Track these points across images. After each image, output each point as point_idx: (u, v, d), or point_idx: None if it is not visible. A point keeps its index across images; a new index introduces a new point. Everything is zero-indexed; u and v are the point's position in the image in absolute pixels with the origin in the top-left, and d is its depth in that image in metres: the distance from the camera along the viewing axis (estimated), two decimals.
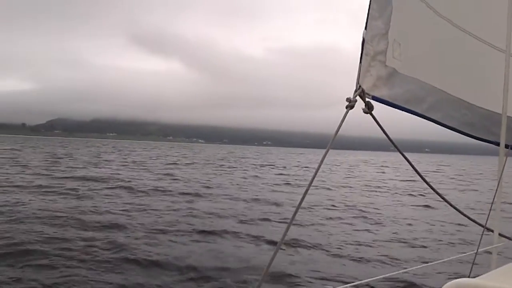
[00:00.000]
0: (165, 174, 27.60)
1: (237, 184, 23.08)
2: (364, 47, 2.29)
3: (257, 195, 18.33)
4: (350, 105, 2.15)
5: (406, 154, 2.68)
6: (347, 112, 2.14)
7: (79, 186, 18.72)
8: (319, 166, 2.09)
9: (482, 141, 3.22)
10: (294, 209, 1.94)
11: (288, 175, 32.63)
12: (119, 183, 20.85)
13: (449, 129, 2.89)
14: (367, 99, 2.28)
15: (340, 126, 2.14)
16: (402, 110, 2.53)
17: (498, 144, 3.07)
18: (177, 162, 44.34)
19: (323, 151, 2.14)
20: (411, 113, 2.60)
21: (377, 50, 2.33)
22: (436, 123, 2.79)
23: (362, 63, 2.28)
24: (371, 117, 2.31)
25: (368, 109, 2.28)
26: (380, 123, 2.36)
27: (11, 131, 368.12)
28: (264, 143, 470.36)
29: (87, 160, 39.99)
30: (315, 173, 2.09)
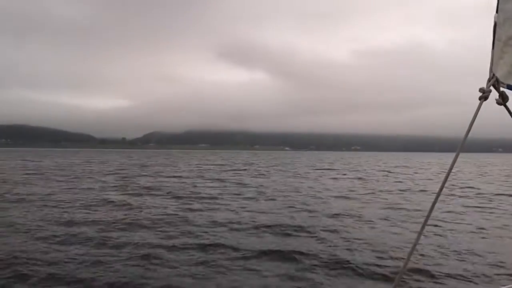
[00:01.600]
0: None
1: None
2: (495, 32, 2.14)
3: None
4: (484, 95, 2.03)
5: None
6: (480, 104, 2.02)
7: None
8: (450, 170, 2.03)
9: None
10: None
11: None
12: None
13: None
14: (501, 89, 2.12)
15: (474, 121, 2.02)
16: None
17: None
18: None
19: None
20: None
21: (510, 35, 2.12)
22: None
23: (494, 49, 2.14)
24: (505, 109, 2.15)
25: (503, 100, 2.13)
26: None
27: (113, 146, 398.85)
28: (353, 148, 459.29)
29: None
30: (446, 178, 2.04)
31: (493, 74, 2.10)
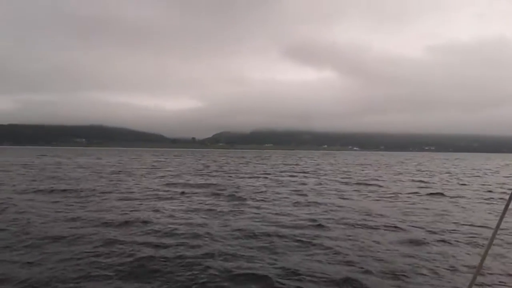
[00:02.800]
0: None
1: None
2: None
3: None
4: None
5: None
6: None
7: None
8: None
9: None
10: None
11: None
12: None
13: None
14: None
15: None
16: None
17: None
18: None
19: (500, 155, 1.94)
20: None
21: None
22: None
23: None
24: None
25: None
26: None
27: (183, 145, 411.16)
28: (426, 148, 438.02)
29: None
30: None
31: None
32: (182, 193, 20.84)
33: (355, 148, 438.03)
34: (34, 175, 32.33)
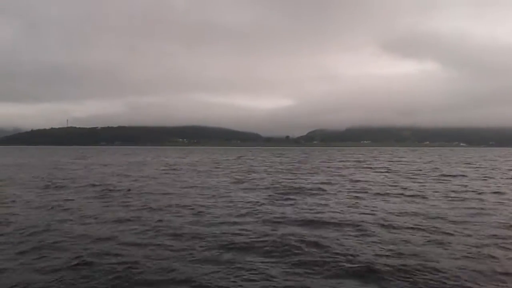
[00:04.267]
0: None
1: None
2: None
3: None
4: None
5: None
6: None
7: None
8: None
9: None
10: None
11: None
12: None
13: None
14: None
15: None
16: None
17: None
18: None
19: None
20: None
21: None
22: None
23: None
24: None
25: None
26: None
27: (277, 144, 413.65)
28: None
29: None
30: None
31: None
32: None
33: (461, 144, 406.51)
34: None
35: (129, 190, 22.53)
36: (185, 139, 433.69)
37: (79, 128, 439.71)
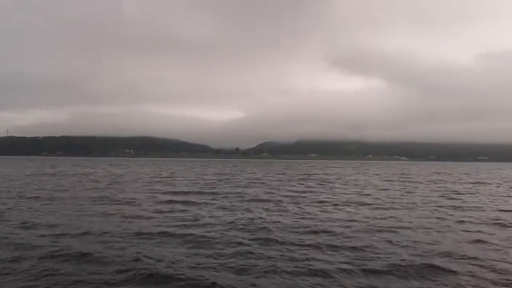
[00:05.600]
0: None
1: None
2: None
3: None
4: None
5: None
6: None
7: None
8: None
9: None
10: None
11: None
12: None
13: None
14: None
15: None
16: None
17: None
18: None
19: None
20: None
21: None
22: None
23: None
24: None
25: None
26: None
27: (227, 155, 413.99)
28: (480, 158, 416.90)
29: None
30: None
31: None
32: None
33: (402, 158, 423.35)
34: None
35: None
36: (132, 150, 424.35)
37: (20, 137, 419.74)
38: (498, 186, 38.01)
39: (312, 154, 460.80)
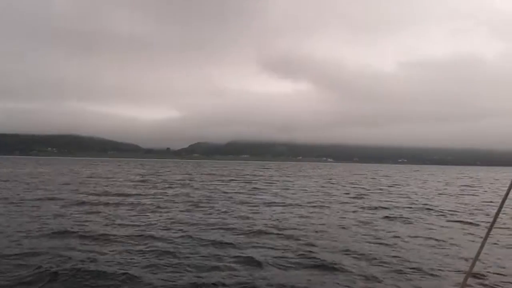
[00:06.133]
0: None
1: None
2: None
3: None
4: None
5: None
6: None
7: None
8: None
9: None
10: None
11: None
12: None
13: None
14: None
15: None
16: None
17: None
18: None
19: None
20: None
21: None
22: None
23: None
24: None
25: None
26: None
27: (158, 155, 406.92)
28: (400, 160, 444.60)
29: None
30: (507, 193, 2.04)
31: None
32: None
33: (329, 160, 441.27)
34: None
35: None
36: (54, 149, 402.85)
37: None
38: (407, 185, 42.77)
39: (244, 155, 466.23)
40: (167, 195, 25.03)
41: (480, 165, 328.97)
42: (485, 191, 35.05)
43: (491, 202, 24.88)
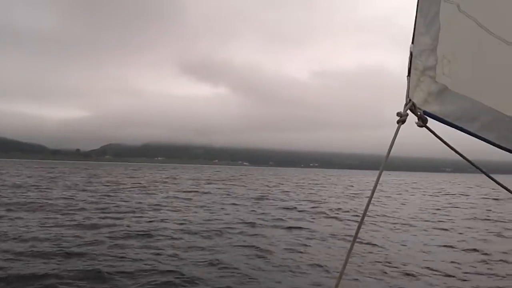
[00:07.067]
0: None
1: None
2: (412, 62, 2.31)
3: None
4: (402, 119, 2.15)
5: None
6: (399, 127, 2.15)
7: None
8: (376, 185, 2.12)
9: None
10: None
11: None
12: None
13: (505, 150, 2.59)
14: (419, 113, 2.26)
15: (393, 143, 2.15)
16: (455, 128, 2.44)
17: None
18: None
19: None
20: (464, 131, 2.48)
21: (426, 66, 2.33)
22: (490, 143, 2.56)
23: (410, 77, 2.30)
24: (425, 132, 2.24)
25: (423, 122, 2.24)
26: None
27: (65, 157, 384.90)
28: (311, 165, 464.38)
29: None
30: (373, 192, 2.09)
31: (410, 99, 2.23)
32: None
33: (245, 163, 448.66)
34: None
35: None
36: None
37: None
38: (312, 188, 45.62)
39: (159, 158, 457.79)
40: None
41: (385, 169, 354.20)
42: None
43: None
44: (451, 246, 12.60)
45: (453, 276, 9.04)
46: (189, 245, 11.52)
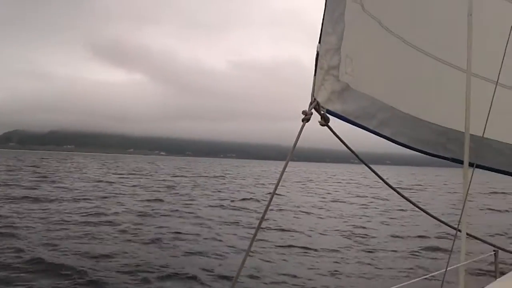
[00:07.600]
0: None
1: None
2: (318, 61, 2.34)
3: None
4: (306, 118, 2.21)
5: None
6: (303, 125, 2.20)
7: None
8: (280, 177, 2.18)
9: (436, 157, 3.06)
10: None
11: None
12: None
13: (400, 145, 2.83)
14: (322, 112, 2.32)
15: (298, 139, 2.20)
16: (354, 125, 2.54)
17: (453, 160, 2.98)
18: None
19: (283, 163, 2.23)
20: (363, 129, 2.59)
21: (331, 65, 2.38)
22: (387, 139, 2.74)
23: (316, 77, 2.33)
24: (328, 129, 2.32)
25: (325, 121, 2.30)
26: (340, 135, 2.34)
27: None
28: (229, 155, 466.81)
29: None
30: (277, 184, 2.16)
31: (315, 99, 2.26)
32: None
33: (161, 153, 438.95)
34: None
35: None
36: None
37: None
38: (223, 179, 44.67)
39: (68, 146, 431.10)
40: None
41: (297, 160, 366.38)
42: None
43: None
44: None
45: None
46: None
